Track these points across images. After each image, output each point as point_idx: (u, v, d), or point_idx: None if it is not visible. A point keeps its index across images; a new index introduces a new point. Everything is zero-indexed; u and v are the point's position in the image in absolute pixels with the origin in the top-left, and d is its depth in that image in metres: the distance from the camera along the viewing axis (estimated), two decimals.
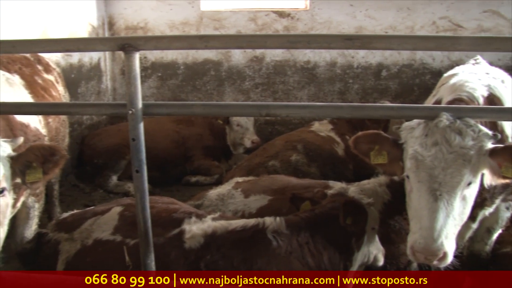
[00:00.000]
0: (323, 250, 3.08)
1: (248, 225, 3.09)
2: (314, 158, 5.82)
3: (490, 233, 3.70)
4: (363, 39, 2.53)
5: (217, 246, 2.98)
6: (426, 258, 2.52)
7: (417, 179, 2.62)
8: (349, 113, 2.62)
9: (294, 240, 3.03)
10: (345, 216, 3.05)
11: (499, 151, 2.60)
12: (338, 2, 7.86)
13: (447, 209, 2.53)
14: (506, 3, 8.04)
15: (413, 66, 8.13)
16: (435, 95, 3.63)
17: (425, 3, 7.95)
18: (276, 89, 8.15)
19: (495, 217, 3.59)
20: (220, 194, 4.35)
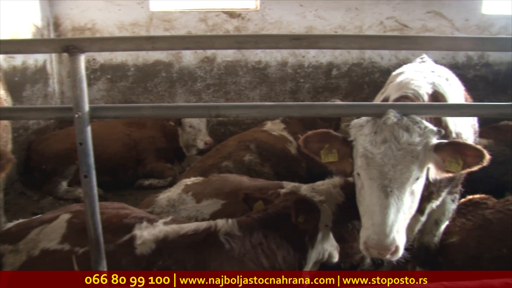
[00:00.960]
0: (277, 249, 3.06)
1: (200, 229, 3.03)
2: (267, 157, 5.83)
3: (438, 225, 3.82)
4: (311, 39, 2.55)
5: (169, 251, 2.91)
6: (379, 253, 2.58)
7: (368, 176, 2.67)
8: (298, 112, 2.63)
9: (247, 241, 3.00)
10: (297, 214, 3.05)
11: (443, 146, 2.69)
12: (288, 2, 7.92)
13: (398, 204, 2.59)
14: (447, 4, 8.37)
15: (363, 64, 8.32)
16: (383, 92, 3.71)
17: (373, 3, 8.16)
18: (228, 89, 8.13)
19: (442, 210, 3.71)
20: (171, 199, 4.23)
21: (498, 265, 3.64)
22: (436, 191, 3.37)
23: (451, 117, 3.21)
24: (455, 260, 3.88)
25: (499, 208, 4.07)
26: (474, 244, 3.85)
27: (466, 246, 3.88)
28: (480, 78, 8.89)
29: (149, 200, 4.38)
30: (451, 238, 4.02)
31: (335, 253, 3.40)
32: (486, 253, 3.77)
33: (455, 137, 3.22)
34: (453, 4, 8.46)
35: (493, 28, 8.75)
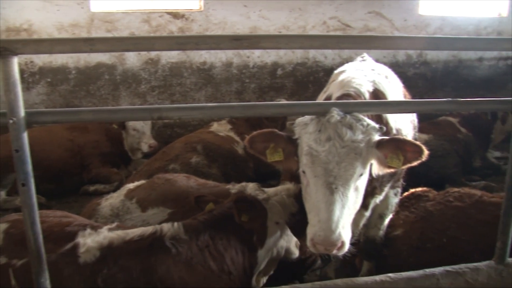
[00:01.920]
0: (225, 251, 3.04)
1: (145, 234, 2.96)
2: (214, 158, 5.80)
3: (382, 218, 3.91)
4: (251, 39, 2.55)
5: (114, 258, 2.82)
6: (326, 248, 2.60)
7: (313, 174, 2.69)
8: (241, 112, 2.62)
9: (194, 244, 2.96)
10: (239, 213, 3.04)
11: (385, 142, 2.76)
12: (232, 3, 7.90)
13: (343, 200, 2.63)
14: (387, 5, 8.64)
15: (307, 64, 8.44)
16: (326, 91, 3.76)
17: (316, 3, 8.28)
18: (173, 91, 8.00)
19: (385, 204, 3.80)
20: (114, 208, 4.04)
21: (440, 255, 3.75)
22: (379, 186, 3.45)
23: (391, 114, 3.30)
24: (399, 252, 3.97)
25: (440, 200, 4.20)
26: (417, 235, 3.95)
27: (409, 238, 3.98)
28: (420, 76, 9.24)
29: (91, 208, 4.18)
30: (395, 231, 4.13)
31: (293, 249, 3.40)
32: (428, 243, 3.88)
33: (395, 133, 3.31)
34: (392, 4, 8.75)
35: (430, 28, 9.13)
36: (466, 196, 4.14)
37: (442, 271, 3.22)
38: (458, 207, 4.04)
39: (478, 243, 3.69)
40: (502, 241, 3.22)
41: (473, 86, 9.54)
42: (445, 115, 7.51)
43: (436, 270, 3.23)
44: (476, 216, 3.88)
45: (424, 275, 3.17)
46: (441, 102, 2.83)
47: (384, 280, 3.13)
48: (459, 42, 3.12)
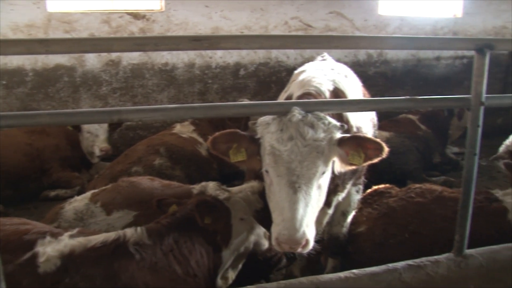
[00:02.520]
0: (189, 254, 3.00)
1: (108, 240, 2.87)
2: (178, 160, 5.75)
3: (345, 216, 3.96)
4: (211, 40, 2.53)
5: (76, 267, 2.72)
6: (291, 247, 2.62)
7: (276, 174, 2.70)
8: (202, 113, 2.61)
9: (158, 249, 2.90)
10: (202, 216, 3.01)
11: (346, 140, 2.80)
12: (193, 3, 7.84)
13: (306, 199, 2.65)
14: (348, 5, 8.77)
15: (269, 64, 8.47)
16: (286, 91, 3.78)
17: (277, 4, 8.32)
18: (135, 93, 7.87)
19: (347, 201, 3.86)
20: (78, 211, 3.93)
21: (402, 249, 3.84)
22: (341, 183, 3.50)
23: (352, 112, 3.35)
24: (363, 248, 4.05)
25: (402, 196, 4.29)
26: (380, 231, 4.03)
27: (373, 234, 4.06)
28: (380, 75, 9.42)
29: (54, 212, 4.04)
30: (359, 227, 4.19)
31: (262, 241, 3.40)
32: (391, 239, 3.96)
33: (356, 131, 3.36)
34: (353, 5, 8.88)
35: (389, 28, 9.32)
36: (427, 191, 4.24)
37: (404, 265, 3.29)
38: (420, 202, 4.14)
39: (438, 237, 3.80)
40: (460, 234, 3.31)
41: (431, 84, 9.80)
42: (405, 113, 7.69)
43: (399, 265, 3.29)
44: (437, 211, 3.99)
45: (387, 270, 3.23)
46: (399, 100, 2.90)
47: (348, 277, 3.17)
48: (416, 41, 3.21)
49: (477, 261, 3.39)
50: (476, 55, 3.00)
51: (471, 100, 3.05)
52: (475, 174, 3.21)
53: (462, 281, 3.31)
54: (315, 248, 2.77)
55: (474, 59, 3.01)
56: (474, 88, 3.03)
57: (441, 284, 3.28)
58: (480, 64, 2.99)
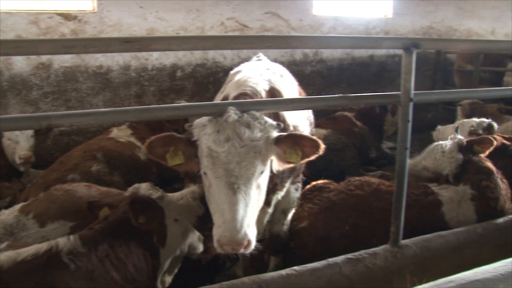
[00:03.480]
0: (126, 258, 2.91)
1: (40, 252, 2.71)
2: (116, 165, 5.58)
3: (285, 214, 4.00)
4: (142, 41, 2.48)
5: (6, 283, 2.56)
6: (233, 248, 2.60)
7: (215, 176, 2.68)
8: (135, 116, 2.55)
9: (93, 256, 2.79)
10: (136, 216, 2.93)
11: (283, 139, 2.82)
12: (127, 4, 7.62)
13: (246, 200, 2.64)
14: (283, 5, 8.88)
15: (206, 65, 8.41)
16: (222, 91, 3.77)
17: (213, 4, 8.27)
18: (68, 97, 7.54)
19: (287, 199, 3.89)
20: (7, 225, 3.66)
21: (343, 242, 3.92)
22: (280, 182, 3.53)
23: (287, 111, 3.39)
24: (306, 243, 4.08)
25: (341, 189, 4.38)
26: (322, 225, 4.09)
27: (315, 228, 4.10)
28: (317, 73, 9.60)
29: None
30: (301, 223, 4.23)
31: (197, 244, 3.36)
32: (332, 232, 4.02)
33: (293, 130, 3.40)
34: (288, 5, 8.99)
35: (324, 27, 9.51)
36: (366, 184, 4.35)
37: (343, 259, 3.37)
38: (359, 195, 4.23)
39: (376, 229, 3.91)
40: (395, 225, 3.44)
41: (365, 82, 10.11)
42: (341, 110, 7.89)
43: (338, 259, 3.37)
44: (374, 203, 4.10)
45: (327, 265, 3.29)
46: (333, 98, 2.96)
47: (290, 274, 3.21)
48: (346, 40, 3.29)
49: (412, 251, 3.52)
50: (404, 53, 3.12)
51: (400, 97, 3.17)
52: (407, 167, 3.34)
53: (399, 270, 3.43)
54: (257, 248, 2.77)
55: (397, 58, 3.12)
56: (403, 85, 3.15)
57: (379, 275, 3.38)
58: (407, 62, 3.11)
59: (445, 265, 3.55)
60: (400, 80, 3.19)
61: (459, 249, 3.70)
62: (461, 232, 3.81)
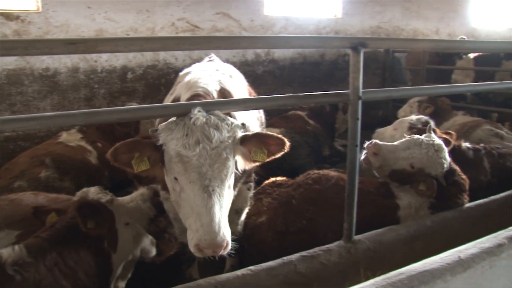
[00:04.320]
0: (76, 265, 2.83)
1: None
2: (66, 171, 5.40)
3: (239, 214, 3.99)
4: (87, 43, 2.41)
5: None
6: (214, 251, 2.59)
7: (188, 180, 2.65)
8: (82, 120, 2.47)
9: (41, 266, 2.69)
10: (84, 221, 2.86)
11: (248, 138, 2.86)
12: (74, 4, 7.37)
13: (220, 201, 2.65)
14: (234, 5, 8.87)
15: (158, 66, 8.28)
16: (172, 93, 3.73)
17: (163, 4, 8.15)
18: (13, 101, 7.19)
19: (240, 199, 3.89)
20: None
21: (301, 237, 3.95)
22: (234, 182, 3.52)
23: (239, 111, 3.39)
24: (265, 238, 4.08)
25: (300, 182, 4.41)
26: (280, 220, 4.09)
27: (274, 223, 4.10)
28: (269, 73, 9.64)
29: None
30: (260, 218, 4.22)
31: (149, 248, 3.32)
32: (290, 227, 4.03)
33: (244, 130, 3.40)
34: (239, 5, 8.98)
35: (275, 27, 9.57)
36: (324, 178, 4.38)
37: (298, 257, 3.39)
38: (317, 190, 4.25)
39: (331, 224, 3.95)
40: (348, 222, 3.49)
41: (317, 81, 10.25)
42: (294, 109, 7.97)
43: (293, 257, 3.39)
44: (331, 199, 4.12)
45: (283, 263, 3.31)
46: (283, 98, 2.98)
47: (245, 274, 3.21)
48: (295, 40, 3.32)
49: (365, 245, 3.59)
50: (352, 52, 3.18)
51: (349, 95, 3.23)
52: (358, 164, 3.40)
53: (353, 265, 3.49)
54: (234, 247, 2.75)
55: (348, 57, 3.18)
56: (352, 83, 3.21)
57: (334, 271, 3.42)
58: (355, 61, 3.17)
59: (398, 257, 3.63)
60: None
61: (410, 242, 3.81)
62: (412, 225, 3.92)
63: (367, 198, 4.09)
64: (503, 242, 2.72)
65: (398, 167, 4.22)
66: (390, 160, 4.24)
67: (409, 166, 4.18)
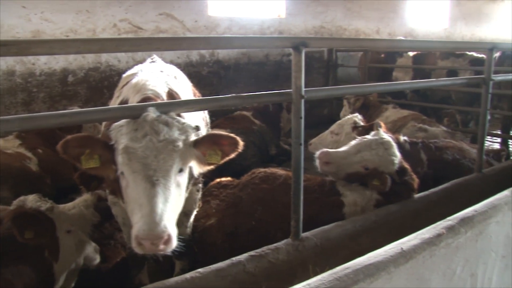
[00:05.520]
0: (15, 279, 2.70)
1: None
2: (4, 179, 5.13)
3: (188, 216, 3.93)
4: (20, 45, 2.30)
5: None
6: (153, 243, 2.44)
7: (132, 170, 2.58)
8: (18, 125, 2.36)
9: None
10: (21, 231, 2.74)
11: (201, 141, 2.83)
12: (7, 3, 7.02)
13: (165, 194, 2.56)
14: (177, 6, 8.79)
15: (100, 69, 8.07)
16: (118, 96, 3.63)
17: (104, 5, 7.96)
18: None
19: (189, 201, 3.83)
20: None
21: (250, 237, 3.96)
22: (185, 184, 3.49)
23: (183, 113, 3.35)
24: (215, 240, 4.06)
25: (246, 182, 4.41)
26: (229, 221, 4.09)
27: (223, 225, 4.09)
28: (214, 74, 9.62)
29: None
30: (209, 220, 4.20)
31: (93, 255, 3.24)
32: (240, 228, 4.03)
33: None
34: (183, 6, 8.91)
35: (219, 28, 9.56)
36: (272, 177, 4.40)
37: (247, 256, 3.39)
38: (264, 189, 4.27)
39: (280, 223, 3.96)
40: (295, 219, 3.53)
41: (263, 81, 10.32)
42: (239, 110, 7.99)
43: (242, 257, 3.39)
44: (279, 198, 4.13)
45: (231, 264, 3.30)
46: (226, 98, 2.98)
47: (194, 277, 3.17)
48: (237, 41, 3.32)
49: (313, 242, 3.64)
50: (293, 52, 3.22)
51: (292, 94, 3.26)
52: (302, 163, 3.44)
53: (302, 262, 3.52)
54: (180, 246, 2.68)
55: (292, 56, 3.21)
56: (294, 83, 3.25)
57: (283, 269, 3.44)
58: (297, 60, 3.21)
59: (345, 252, 3.70)
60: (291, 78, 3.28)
61: (356, 236, 3.88)
62: (357, 220, 4.00)
63: (313, 196, 4.14)
64: (441, 232, 2.84)
65: (352, 171, 4.30)
66: (344, 166, 4.30)
67: (362, 168, 4.26)
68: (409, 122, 7.07)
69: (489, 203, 3.35)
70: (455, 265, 2.89)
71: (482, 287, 3.24)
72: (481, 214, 3.17)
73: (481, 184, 5.04)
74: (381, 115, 7.67)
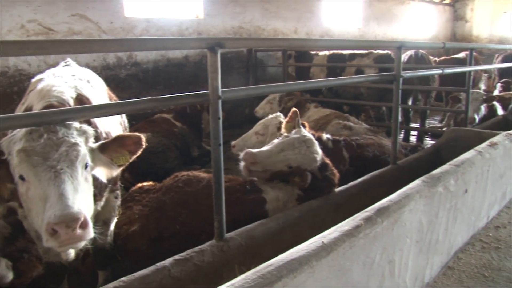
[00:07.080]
0: None
1: None
2: None
3: (107, 225, 3.82)
4: None
5: None
6: (68, 225, 2.23)
7: (32, 165, 2.42)
8: None
9: None
10: None
11: (108, 145, 2.82)
12: None
13: (73, 182, 2.45)
14: (91, 7, 8.48)
15: (8, 73, 7.60)
16: (24, 102, 3.44)
17: (9, 5, 7.49)
18: None
19: (108, 209, 3.72)
20: None
21: (175, 241, 3.92)
22: (99, 192, 3.36)
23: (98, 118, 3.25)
24: (139, 247, 3.98)
25: (169, 186, 4.36)
26: (153, 227, 4.02)
27: (147, 230, 4.02)
28: (132, 77, 9.40)
29: None
30: (132, 226, 4.11)
31: (5, 272, 3.14)
32: (164, 233, 3.98)
33: (106, 137, 3.27)
34: (97, 7, 8.62)
35: (136, 30, 9.36)
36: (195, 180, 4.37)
37: (171, 261, 3.35)
38: (188, 192, 4.24)
39: (205, 225, 3.95)
40: (218, 220, 3.53)
41: (183, 82, 10.24)
42: (160, 113, 7.87)
43: (166, 262, 3.34)
44: (203, 200, 4.12)
45: (156, 270, 3.24)
46: (141, 101, 2.92)
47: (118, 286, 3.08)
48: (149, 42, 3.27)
49: (237, 242, 3.66)
50: (209, 53, 3.21)
51: (209, 95, 3.26)
52: (222, 163, 3.45)
53: (227, 263, 3.53)
54: (100, 239, 2.67)
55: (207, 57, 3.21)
56: (211, 83, 3.24)
57: (209, 271, 3.43)
58: (213, 61, 3.20)
59: (269, 250, 3.74)
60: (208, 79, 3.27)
61: (279, 233, 3.95)
62: (280, 217, 4.07)
63: (235, 196, 4.17)
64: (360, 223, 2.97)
65: (277, 169, 4.38)
66: (268, 165, 4.36)
67: (286, 167, 4.35)
68: (333, 120, 7.30)
69: (403, 193, 3.56)
70: (374, 254, 3.04)
71: (399, 272, 3.43)
72: (396, 203, 3.35)
73: (397, 175, 5.32)
74: (304, 114, 7.87)
